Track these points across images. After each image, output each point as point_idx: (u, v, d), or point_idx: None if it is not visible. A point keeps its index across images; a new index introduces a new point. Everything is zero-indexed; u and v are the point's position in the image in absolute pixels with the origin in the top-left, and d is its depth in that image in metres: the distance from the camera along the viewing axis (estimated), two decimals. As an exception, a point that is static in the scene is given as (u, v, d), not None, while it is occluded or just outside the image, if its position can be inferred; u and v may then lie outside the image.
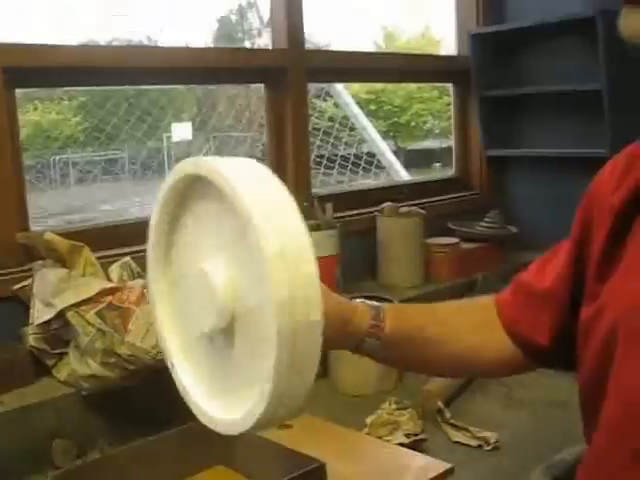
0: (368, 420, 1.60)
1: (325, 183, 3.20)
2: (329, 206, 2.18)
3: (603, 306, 0.82)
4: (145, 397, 1.69)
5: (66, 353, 1.67)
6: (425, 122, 15.16)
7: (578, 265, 0.93)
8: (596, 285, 0.85)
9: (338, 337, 0.94)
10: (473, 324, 1.03)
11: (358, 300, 1.00)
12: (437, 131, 14.54)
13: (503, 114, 2.82)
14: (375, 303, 1.00)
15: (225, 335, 0.81)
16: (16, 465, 1.53)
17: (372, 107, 13.61)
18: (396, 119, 14.74)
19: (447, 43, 3.13)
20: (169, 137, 6.90)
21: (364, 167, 3.23)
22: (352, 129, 3.61)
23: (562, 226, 1.04)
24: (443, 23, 3.00)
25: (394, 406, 1.63)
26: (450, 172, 3.05)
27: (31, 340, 1.68)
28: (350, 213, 2.44)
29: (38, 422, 1.56)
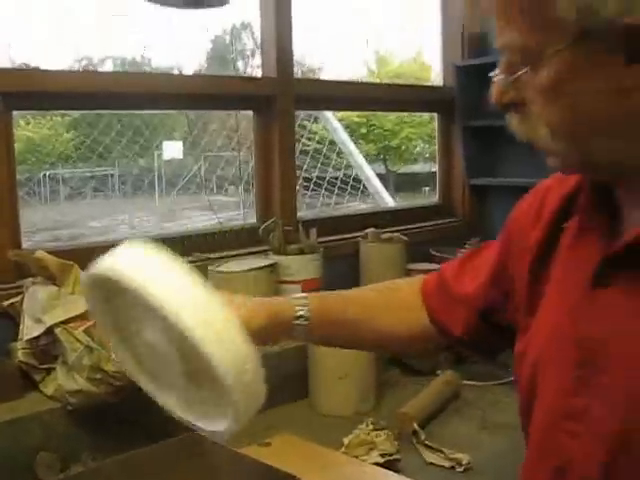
0: (345, 440, 1.65)
1: (311, 206, 3.26)
2: (313, 231, 2.24)
3: (530, 338, 0.91)
4: (129, 412, 1.73)
5: (54, 368, 1.71)
6: (415, 146, 15.27)
7: (499, 281, 1.03)
8: (525, 318, 0.94)
9: (272, 333, 1.04)
10: (392, 303, 1.14)
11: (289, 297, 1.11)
12: (427, 155, 14.64)
13: (485, 144, 2.90)
14: (300, 294, 1.11)
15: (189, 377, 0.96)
16: (1, 478, 1.57)
17: (363, 130, 13.72)
18: (387, 142, 14.84)
19: (437, 69, 3.21)
20: (160, 155, 6.96)
21: (350, 191, 3.30)
22: (340, 153, 3.68)
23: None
24: (431, 52, 3.09)
25: (371, 427, 1.68)
26: (434, 199, 3.12)
27: (20, 355, 1.72)
28: (334, 237, 2.50)
29: (24, 436, 1.61)
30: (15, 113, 1.93)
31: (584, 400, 0.78)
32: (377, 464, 1.55)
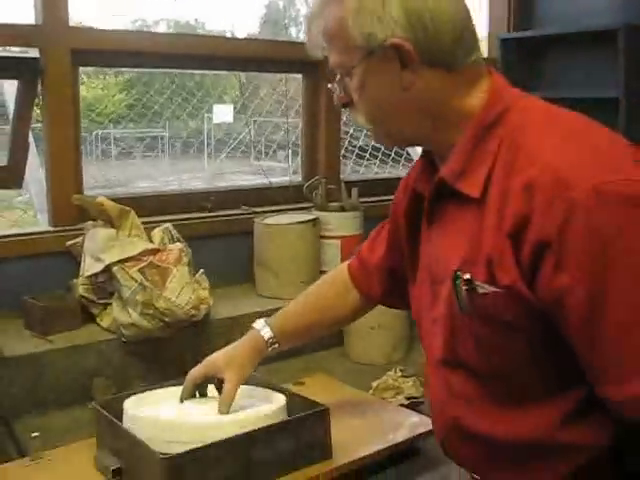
0: (374, 384, 1.76)
1: (355, 171, 3.35)
2: (355, 191, 2.35)
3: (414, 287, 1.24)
4: (177, 348, 1.88)
5: (110, 303, 1.87)
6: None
7: (394, 245, 1.33)
8: (412, 271, 1.24)
9: (257, 362, 1.44)
10: (330, 297, 1.50)
11: (254, 325, 1.47)
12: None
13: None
14: (262, 322, 1.46)
15: None
16: (60, 397, 1.73)
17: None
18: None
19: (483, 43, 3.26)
20: (210, 118, 7.03)
21: (394, 157, 3.38)
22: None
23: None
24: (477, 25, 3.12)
25: (399, 374, 1.79)
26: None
27: (80, 290, 1.88)
28: (375, 199, 2.58)
29: (82, 361, 1.77)
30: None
31: (437, 308, 1.09)
32: (401, 405, 1.66)
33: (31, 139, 2.06)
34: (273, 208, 2.36)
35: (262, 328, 1.45)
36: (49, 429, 1.62)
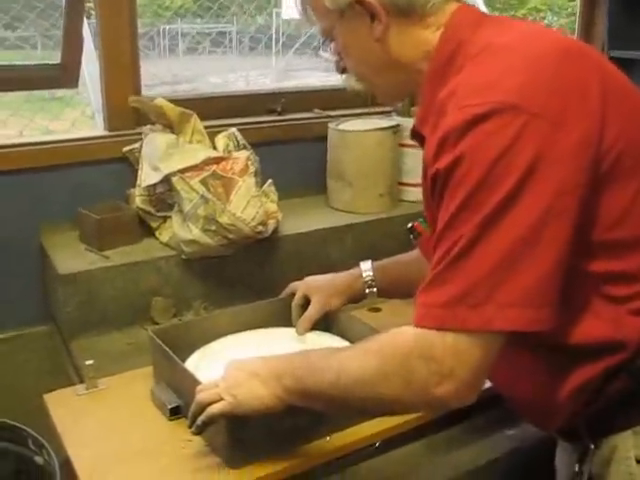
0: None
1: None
2: (439, 94, 2.12)
3: None
4: (241, 267, 1.74)
5: (170, 217, 1.72)
6: (543, 18, 14.39)
7: None
8: None
9: (349, 301, 1.47)
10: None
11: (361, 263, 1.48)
12: (555, 28, 13.79)
13: (636, 13, 2.63)
14: (369, 263, 1.47)
15: None
16: (118, 316, 1.61)
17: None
18: (513, 12, 14.03)
19: None
20: (279, 14, 6.78)
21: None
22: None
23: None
24: None
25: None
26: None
27: (137, 201, 1.73)
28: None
29: (141, 279, 1.63)
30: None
31: None
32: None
33: (89, 34, 1.88)
34: (349, 112, 2.13)
35: (366, 269, 1.46)
36: (105, 351, 1.52)
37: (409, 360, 0.90)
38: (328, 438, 1.18)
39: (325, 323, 1.45)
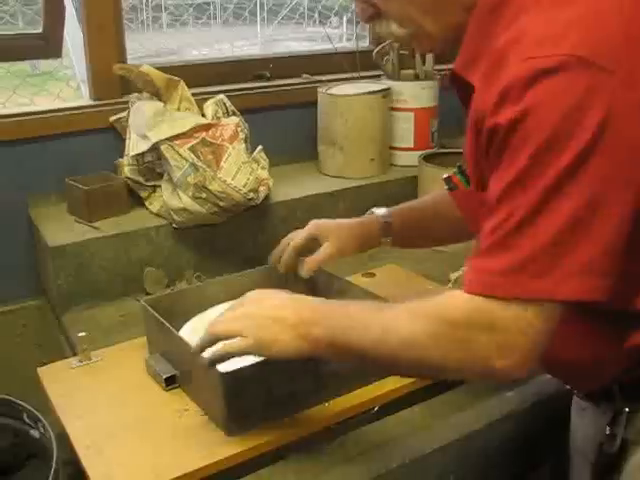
0: (453, 275, 1.59)
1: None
2: (430, 57, 2.09)
3: None
4: (233, 235, 1.72)
5: (159, 186, 1.69)
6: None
7: None
8: None
9: (363, 247, 1.40)
10: (447, 211, 1.33)
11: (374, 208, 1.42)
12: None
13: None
14: (382, 211, 1.40)
15: None
16: (110, 287, 1.59)
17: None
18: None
19: None
20: (263, -18, 6.70)
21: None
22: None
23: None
24: None
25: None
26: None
27: (126, 171, 1.70)
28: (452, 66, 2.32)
29: (132, 249, 1.61)
30: None
31: None
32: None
33: (71, 2, 1.84)
34: (338, 77, 2.11)
35: (382, 214, 1.40)
36: (98, 323, 1.51)
37: (466, 328, 0.85)
38: (327, 404, 1.17)
39: (313, 287, 1.40)
